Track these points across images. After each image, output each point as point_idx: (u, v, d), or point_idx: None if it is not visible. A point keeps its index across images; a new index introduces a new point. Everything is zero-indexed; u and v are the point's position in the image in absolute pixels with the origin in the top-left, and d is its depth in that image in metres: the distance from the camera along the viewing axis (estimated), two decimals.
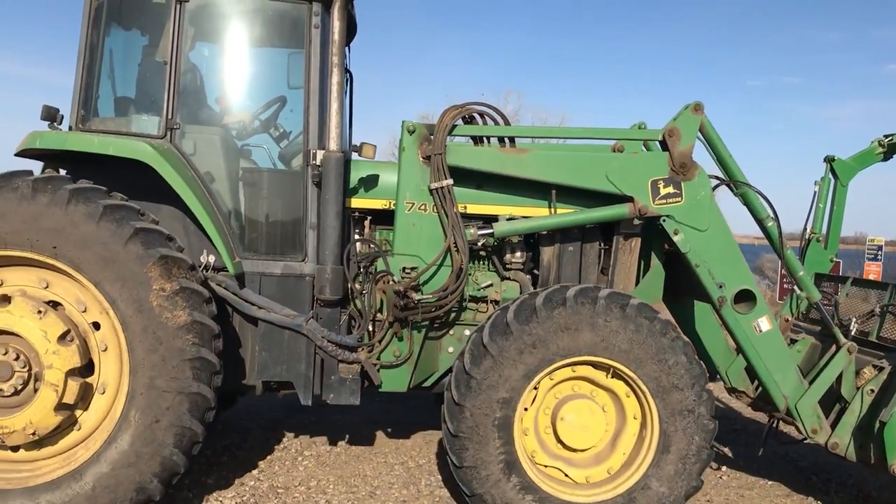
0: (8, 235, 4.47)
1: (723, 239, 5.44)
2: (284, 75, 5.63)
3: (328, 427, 7.30)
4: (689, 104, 5.45)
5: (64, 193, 4.45)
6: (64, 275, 4.64)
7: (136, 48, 5.37)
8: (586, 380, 5.09)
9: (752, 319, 5.42)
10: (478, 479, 4.83)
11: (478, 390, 4.78)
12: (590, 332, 4.82)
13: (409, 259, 5.42)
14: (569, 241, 5.71)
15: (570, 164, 5.46)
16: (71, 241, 4.48)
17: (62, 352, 4.53)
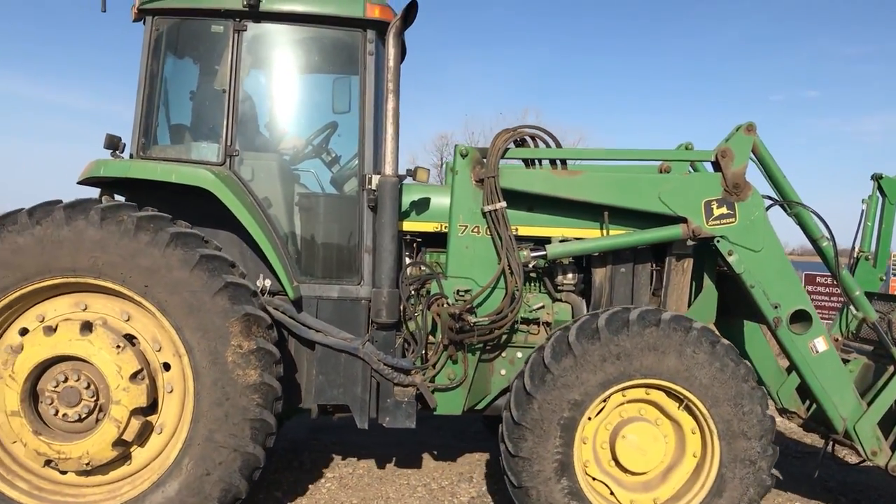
0: (104, 266, 4.57)
1: (777, 259, 5.41)
2: (345, 101, 5.71)
3: (350, 448, 7.32)
4: (742, 125, 5.45)
5: (165, 235, 4.56)
6: (146, 311, 4.73)
7: (194, 76, 5.48)
8: (655, 405, 5.06)
9: (808, 340, 5.37)
10: (528, 472, 4.80)
11: (552, 385, 4.76)
12: (676, 359, 4.81)
13: (463, 282, 5.44)
14: (621, 263, 5.70)
15: (623, 186, 5.47)
16: (162, 283, 4.58)
17: (132, 390, 4.62)
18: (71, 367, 4.67)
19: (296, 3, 5.21)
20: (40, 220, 4.54)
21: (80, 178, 5.06)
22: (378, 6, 5.24)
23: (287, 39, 5.41)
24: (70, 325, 4.66)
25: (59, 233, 4.54)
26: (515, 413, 4.80)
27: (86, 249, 4.55)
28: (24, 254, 4.55)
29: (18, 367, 4.58)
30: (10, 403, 4.60)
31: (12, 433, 4.65)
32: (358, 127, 5.35)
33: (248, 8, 5.10)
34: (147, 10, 5.22)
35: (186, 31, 5.31)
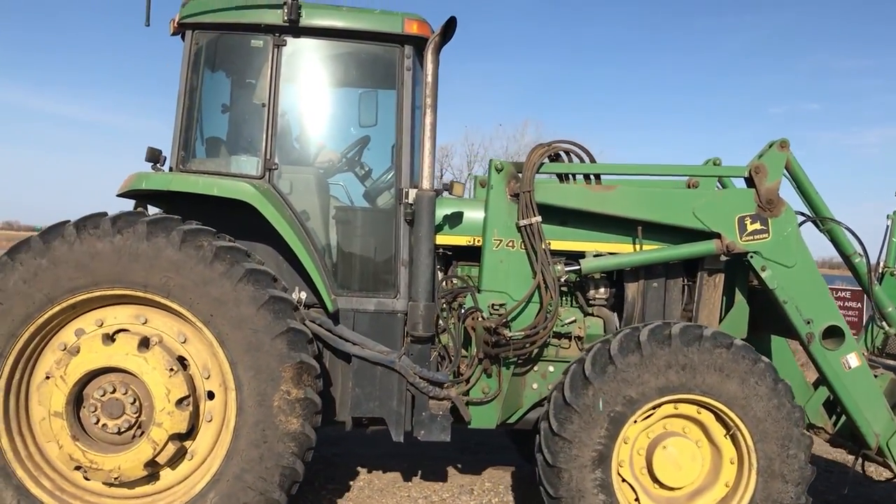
0: (175, 288, 4.61)
1: (810, 275, 5.44)
2: (371, 115, 5.76)
3: (351, 460, 7.32)
4: (775, 141, 5.49)
5: (240, 270, 4.60)
6: (204, 338, 4.77)
7: (233, 90, 5.52)
8: (701, 426, 5.07)
9: (840, 356, 5.39)
10: (567, 454, 4.80)
11: (612, 377, 4.79)
12: (738, 385, 4.83)
13: (497, 296, 5.47)
14: (653, 278, 5.72)
15: (657, 201, 5.51)
16: (228, 316, 4.62)
17: (175, 415, 4.65)
18: (121, 379, 4.69)
19: (335, 19, 5.26)
20: (122, 230, 4.57)
21: (121, 190, 5.10)
22: (416, 22, 5.28)
23: (325, 54, 5.46)
24: (129, 338, 4.69)
25: (139, 246, 4.57)
26: (569, 394, 4.81)
27: (161, 268, 4.58)
28: (100, 260, 4.56)
29: (71, 370, 4.60)
30: (55, 403, 4.61)
31: (50, 432, 4.65)
32: (395, 141, 5.38)
33: (289, 23, 5.15)
34: (187, 25, 5.26)
35: (226, 45, 5.36)
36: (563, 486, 4.81)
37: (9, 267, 4.57)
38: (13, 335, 4.60)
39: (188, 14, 5.25)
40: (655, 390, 4.82)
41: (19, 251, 4.59)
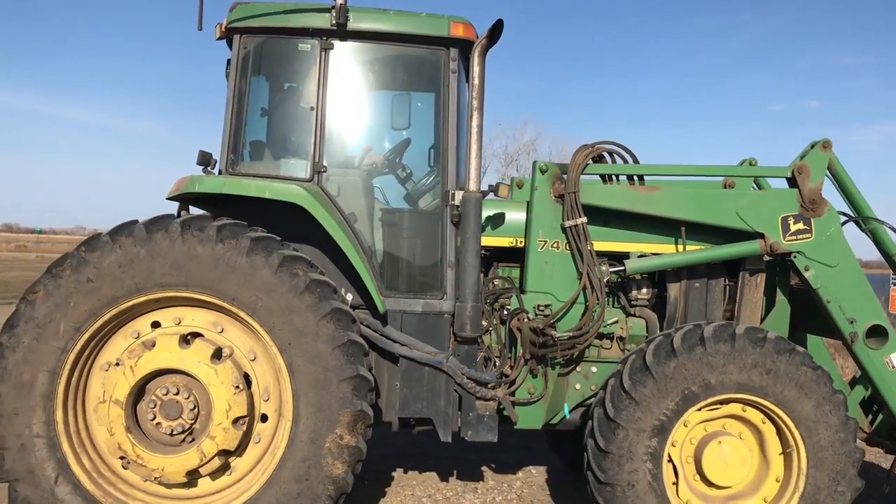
0: (261, 309, 4.67)
1: (853, 274, 5.47)
2: (416, 117, 5.80)
3: None
4: (818, 141, 5.52)
5: (327, 307, 4.67)
6: (273, 362, 4.82)
7: (281, 94, 5.55)
8: (758, 435, 5.10)
9: (884, 355, 5.42)
10: (629, 414, 4.82)
11: (698, 358, 4.83)
12: (813, 407, 4.86)
13: (543, 297, 5.51)
14: (695, 278, 5.75)
15: (701, 201, 5.54)
16: (304, 349, 4.68)
17: (230, 432, 4.69)
18: (185, 382, 4.74)
19: (382, 22, 5.30)
20: (225, 240, 4.63)
21: (173, 193, 5.13)
22: (462, 24, 5.32)
23: (371, 58, 5.50)
24: (204, 345, 4.74)
25: (238, 260, 4.63)
26: (651, 359, 4.84)
27: (254, 286, 4.65)
28: (197, 263, 4.62)
29: (143, 363, 4.65)
30: (118, 392, 4.64)
31: (105, 417, 4.65)
32: (440, 144, 5.41)
33: (336, 27, 5.18)
34: (235, 29, 5.30)
35: (273, 49, 5.39)
36: (616, 443, 4.82)
37: (108, 247, 4.61)
38: (94, 314, 4.64)
39: (236, 18, 5.28)
40: (734, 384, 4.85)
41: (121, 234, 4.63)
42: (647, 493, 4.80)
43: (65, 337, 4.62)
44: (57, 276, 4.63)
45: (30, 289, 4.69)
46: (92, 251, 4.63)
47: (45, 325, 4.61)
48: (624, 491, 4.80)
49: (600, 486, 4.85)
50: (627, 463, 4.80)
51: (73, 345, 4.64)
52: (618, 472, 4.80)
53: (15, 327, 4.62)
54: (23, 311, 4.63)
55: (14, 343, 4.61)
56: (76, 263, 4.63)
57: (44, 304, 4.62)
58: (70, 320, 4.63)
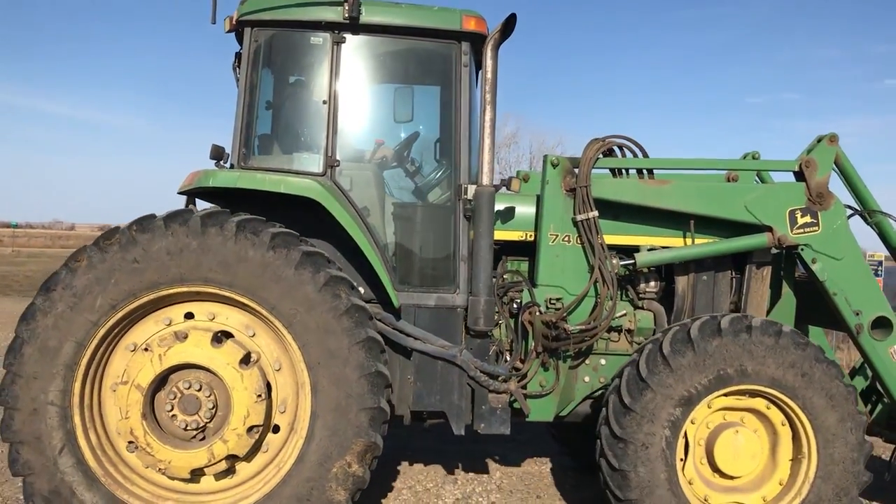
0: (298, 324, 4.67)
1: (858, 267, 5.55)
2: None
3: None
4: (825, 136, 5.58)
5: (361, 334, 4.69)
6: (297, 375, 4.81)
7: (292, 87, 5.52)
8: (774, 436, 5.18)
9: (889, 346, 5.51)
10: (661, 380, 4.90)
11: (742, 343, 4.90)
12: (837, 421, 4.98)
13: (554, 290, 5.54)
14: (703, 271, 5.80)
15: (710, 195, 5.59)
16: (332, 371, 4.69)
17: (243, 439, 4.68)
18: (209, 380, 4.72)
19: (394, 16, 5.28)
20: (276, 248, 4.62)
21: (186, 187, 5.09)
22: (474, 18, 5.32)
23: (383, 51, 5.48)
24: (234, 348, 4.72)
25: (286, 271, 4.63)
26: (696, 333, 4.92)
27: (296, 300, 4.65)
28: (246, 266, 4.62)
29: (172, 354, 4.63)
30: (142, 377, 4.61)
31: (124, 401, 4.62)
32: (453, 138, 5.41)
33: (349, 20, 5.16)
34: (246, 22, 5.26)
35: (285, 42, 5.36)
36: (641, 403, 4.88)
37: (160, 232, 4.58)
38: (133, 295, 4.62)
39: (247, 11, 5.25)
40: (769, 378, 4.93)
41: (175, 221, 4.60)
42: (658, 458, 4.86)
43: (99, 312, 4.58)
44: (103, 250, 4.58)
45: (74, 256, 4.63)
46: (143, 232, 4.60)
47: (82, 295, 4.56)
48: (636, 450, 4.86)
49: (614, 441, 4.91)
50: (647, 424, 4.87)
51: (106, 321, 4.60)
52: (636, 431, 4.87)
53: (52, 291, 4.57)
54: (62, 278, 4.57)
55: (48, 307, 4.56)
56: (125, 241, 4.59)
57: (85, 275, 4.57)
58: (108, 296, 4.58)
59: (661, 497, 4.86)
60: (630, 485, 4.86)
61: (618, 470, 4.88)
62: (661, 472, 4.86)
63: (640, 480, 4.85)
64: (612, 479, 4.93)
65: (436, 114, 5.80)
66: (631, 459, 4.85)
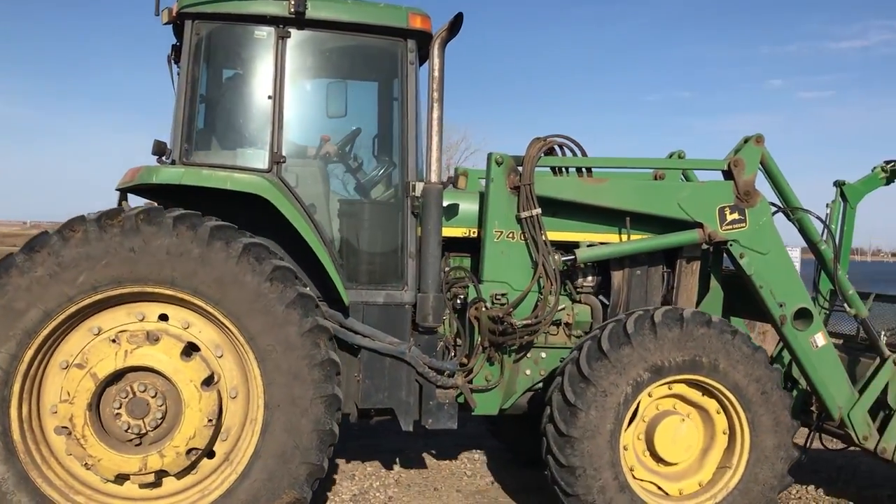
0: (271, 363, 4.66)
1: (782, 261, 5.86)
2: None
3: None
4: (751, 136, 5.87)
5: (320, 356, 4.69)
6: (251, 407, 4.78)
7: (236, 82, 5.39)
8: (711, 427, 5.50)
9: (809, 336, 5.84)
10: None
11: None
12: (771, 433, 5.36)
13: (499, 286, 5.63)
14: (637, 266, 6.00)
15: (645, 193, 5.81)
16: (288, 419, 4.69)
17: (179, 458, 4.56)
18: (167, 391, 4.58)
19: (341, 12, 5.23)
20: (274, 280, 4.61)
21: (128, 184, 4.91)
22: (420, 16, 5.33)
23: (328, 47, 5.43)
24: (199, 366, 4.63)
25: (275, 307, 4.62)
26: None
27: (277, 338, 4.64)
28: (239, 289, 4.58)
29: (139, 354, 4.52)
30: (101, 369, 4.46)
31: (73, 385, 4.45)
32: (400, 134, 5.42)
33: (295, 15, 5.09)
34: (188, 15, 5.10)
35: (228, 36, 5.23)
36: (602, 372, 5.09)
37: (166, 229, 4.49)
38: (118, 283, 4.49)
39: (189, 3, 5.09)
40: (733, 382, 5.28)
41: (184, 223, 4.52)
42: (606, 416, 5.07)
43: (79, 289, 4.42)
44: (103, 228, 4.43)
45: (69, 224, 4.44)
46: (149, 224, 4.46)
47: (66, 267, 4.40)
48: (587, 414, 5.04)
49: (565, 407, 5.07)
50: (607, 398, 5.07)
51: (82, 300, 4.45)
52: (586, 395, 5.07)
53: (35, 252, 4.38)
54: (52, 242, 4.40)
55: (27, 267, 4.37)
56: (128, 228, 4.44)
57: (76, 247, 4.41)
58: (93, 276, 4.43)
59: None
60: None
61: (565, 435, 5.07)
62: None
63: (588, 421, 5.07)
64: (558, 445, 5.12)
65: (382, 110, 5.79)
66: (581, 422, 5.03)
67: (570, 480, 5.06)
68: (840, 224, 7.14)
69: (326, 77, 5.65)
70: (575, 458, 5.03)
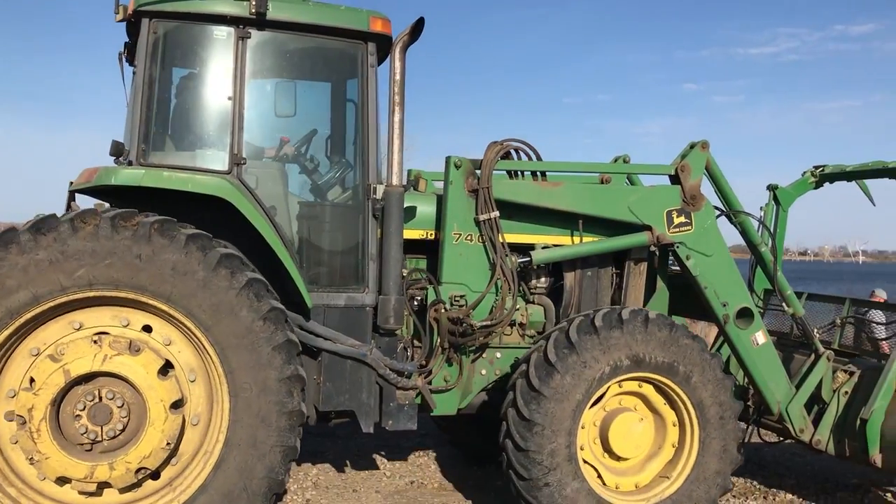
0: (242, 401, 4.64)
1: (726, 263, 6.11)
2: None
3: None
4: (697, 143, 6.10)
5: (289, 371, 4.69)
6: (205, 434, 4.74)
7: (194, 82, 5.28)
8: (662, 422, 5.67)
9: (750, 334, 6.11)
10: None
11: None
12: (717, 459, 5.59)
13: (458, 287, 5.71)
14: (588, 267, 6.18)
15: (598, 196, 5.98)
16: (242, 458, 4.65)
17: (128, 475, 4.46)
18: (135, 403, 4.49)
19: (301, 13, 5.20)
20: (267, 320, 4.62)
21: (86, 185, 4.78)
22: (380, 20, 5.35)
23: (289, 48, 5.39)
24: (172, 387, 4.55)
25: (263, 348, 4.62)
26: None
27: (255, 378, 4.63)
28: (231, 321, 4.57)
29: (118, 362, 4.44)
30: (76, 367, 4.37)
31: (42, 375, 4.33)
32: (360, 137, 5.43)
33: (256, 16, 5.04)
34: (145, 13, 4.98)
35: (187, 35, 5.14)
36: (589, 345, 5.24)
37: (177, 247, 4.45)
38: (116, 286, 4.42)
39: (146, 1, 4.98)
40: (698, 399, 5.49)
41: (195, 243, 4.50)
42: (580, 386, 5.22)
43: (75, 282, 4.33)
44: (115, 229, 4.35)
45: (82, 215, 4.36)
46: (161, 235, 4.42)
47: (69, 257, 4.30)
48: (562, 378, 5.17)
49: (531, 394, 5.17)
50: (575, 390, 5.21)
51: (74, 294, 4.37)
52: (568, 361, 5.21)
53: (42, 235, 4.28)
54: (61, 229, 4.29)
55: (30, 247, 4.25)
56: (140, 234, 4.38)
57: (85, 240, 4.32)
58: (93, 273, 4.34)
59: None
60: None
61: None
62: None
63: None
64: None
65: (341, 113, 5.79)
66: (547, 408, 5.14)
67: (527, 463, 5.17)
68: (773, 226, 7.50)
69: (287, 78, 5.61)
70: (538, 415, 5.15)
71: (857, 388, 6.17)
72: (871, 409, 5.86)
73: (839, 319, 6.89)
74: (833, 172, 7.38)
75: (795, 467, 7.63)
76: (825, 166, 7.48)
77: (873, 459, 5.90)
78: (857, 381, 6.21)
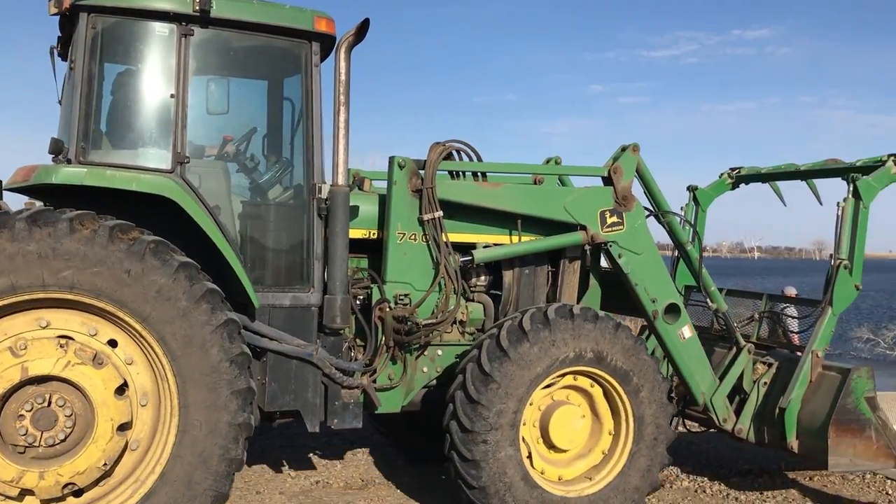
0: (192, 418, 4.57)
1: (655, 261, 6.38)
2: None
3: None
4: (628, 145, 6.35)
5: (241, 384, 4.68)
6: (143, 459, 4.65)
7: (135, 79, 5.14)
8: (597, 415, 5.87)
9: (678, 328, 6.39)
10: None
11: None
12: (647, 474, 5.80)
13: (402, 286, 5.78)
14: (525, 266, 6.34)
15: (536, 197, 6.16)
16: (177, 489, 4.56)
17: (55, 487, 4.34)
18: (84, 416, 4.37)
19: (245, 12, 5.14)
20: (228, 336, 4.61)
21: (24, 183, 4.62)
22: (325, 19, 5.35)
23: (232, 46, 5.34)
24: (124, 407, 4.49)
25: (233, 377, 4.63)
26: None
27: (206, 403, 4.59)
28: (200, 357, 4.53)
29: (79, 371, 4.33)
30: (35, 367, 4.25)
31: None
32: (305, 137, 5.42)
33: (199, 13, 4.96)
34: (82, 7, 4.83)
35: (128, 31, 5.01)
36: (536, 333, 5.38)
37: (167, 271, 4.44)
38: (97, 295, 4.35)
39: None
40: (643, 416, 5.73)
41: (184, 273, 4.50)
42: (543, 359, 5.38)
43: (57, 283, 4.24)
44: (111, 240, 4.31)
45: (82, 218, 4.28)
46: (154, 257, 4.41)
47: (59, 256, 4.21)
48: (518, 360, 5.32)
49: (498, 353, 5.30)
50: (515, 382, 5.34)
51: (53, 293, 4.27)
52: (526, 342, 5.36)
53: (37, 227, 4.18)
54: (58, 226, 4.21)
55: (21, 236, 4.14)
56: (135, 250, 4.36)
57: (79, 243, 4.25)
58: (78, 278, 4.27)
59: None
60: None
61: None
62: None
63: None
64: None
65: (284, 112, 5.75)
66: (494, 392, 5.27)
67: (473, 415, 5.27)
68: (693, 225, 7.85)
69: (230, 76, 5.56)
70: (498, 373, 5.27)
71: (775, 378, 6.54)
72: (789, 398, 6.22)
73: (757, 314, 7.27)
74: (748, 174, 7.80)
75: (692, 455, 7.93)
76: (741, 168, 7.90)
77: (791, 445, 6.26)
78: (774, 372, 6.59)
